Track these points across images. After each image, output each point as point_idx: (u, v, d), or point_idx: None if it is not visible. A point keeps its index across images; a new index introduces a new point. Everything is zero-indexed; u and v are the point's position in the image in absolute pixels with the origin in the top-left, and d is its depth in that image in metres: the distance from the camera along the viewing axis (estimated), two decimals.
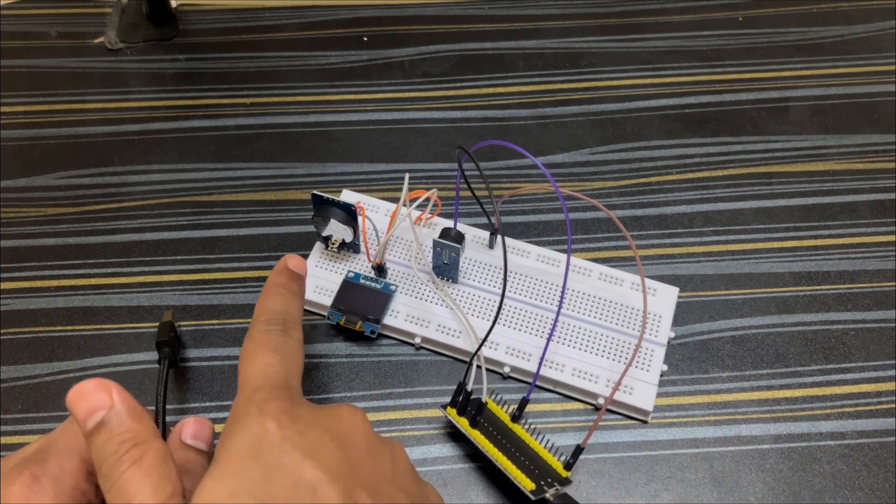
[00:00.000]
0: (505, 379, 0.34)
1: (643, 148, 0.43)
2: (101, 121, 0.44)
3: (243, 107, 0.45)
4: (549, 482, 0.29)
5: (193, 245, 0.39)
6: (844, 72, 0.47)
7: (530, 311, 0.35)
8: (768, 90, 0.46)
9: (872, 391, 0.34)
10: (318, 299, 0.36)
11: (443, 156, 0.43)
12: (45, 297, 0.37)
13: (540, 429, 0.32)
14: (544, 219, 0.40)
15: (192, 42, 0.49)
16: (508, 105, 0.46)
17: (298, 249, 0.39)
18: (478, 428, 0.31)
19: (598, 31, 0.50)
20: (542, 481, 0.29)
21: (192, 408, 0.34)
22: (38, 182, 0.42)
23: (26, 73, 0.47)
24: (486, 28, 0.50)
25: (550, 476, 0.30)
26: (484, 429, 0.31)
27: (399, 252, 0.37)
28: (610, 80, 0.47)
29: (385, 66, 0.48)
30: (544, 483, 0.29)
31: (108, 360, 0.35)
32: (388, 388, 0.34)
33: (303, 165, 0.42)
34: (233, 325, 0.36)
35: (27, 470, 0.24)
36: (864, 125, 0.45)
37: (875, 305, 0.37)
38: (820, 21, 0.50)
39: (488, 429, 0.31)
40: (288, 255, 0.31)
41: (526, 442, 0.31)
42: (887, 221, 0.40)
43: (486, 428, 0.31)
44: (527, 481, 0.29)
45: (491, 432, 0.31)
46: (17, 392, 0.34)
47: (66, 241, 0.39)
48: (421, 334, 0.35)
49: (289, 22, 0.50)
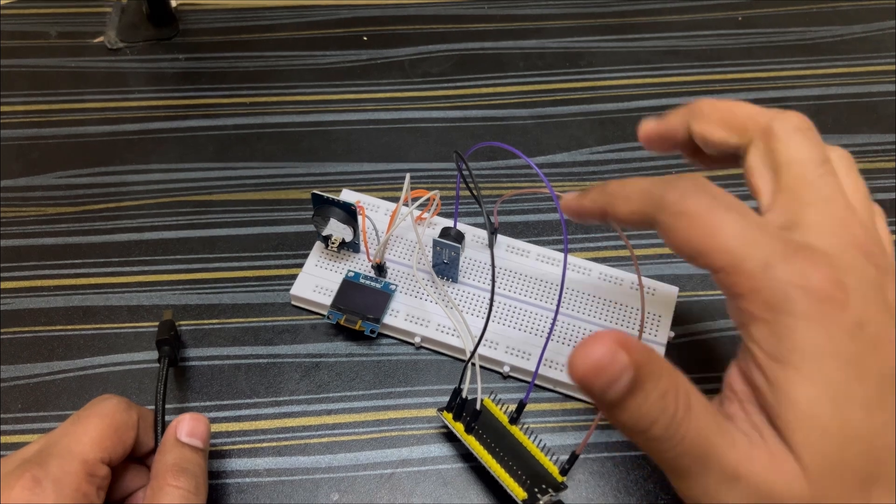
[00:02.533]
0: (505, 378, 0.34)
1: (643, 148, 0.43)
2: (100, 120, 0.44)
3: (243, 106, 0.45)
4: (544, 488, 0.29)
5: (193, 244, 0.39)
6: (843, 72, 0.48)
7: (530, 310, 0.35)
8: (767, 90, 0.46)
9: None
10: (318, 299, 0.36)
11: (443, 155, 0.43)
12: (44, 297, 0.37)
13: (539, 429, 0.32)
14: (544, 218, 0.40)
15: (192, 42, 0.49)
16: (508, 105, 0.46)
17: (298, 249, 0.39)
18: (473, 434, 0.31)
19: (598, 31, 0.50)
20: (536, 488, 0.29)
21: (192, 407, 0.34)
22: (38, 182, 0.42)
23: (26, 72, 0.47)
24: (485, 28, 0.50)
25: (545, 481, 0.29)
26: (479, 435, 0.31)
27: (399, 252, 0.37)
28: (610, 79, 0.47)
29: (384, 65, 0.48)
30: (538, 490, 0.29)
31: (108, 359, 0.35)
32: (387, 388, 0.34)
33: (302, 165, 0.42)
34: (232, 325, 0.36)
35: (28, 472, 0.24)
36: (863, 125, 0.45)
37: None
38: (819, 21, 0.51)
39: (483, 435, 0.31)
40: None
41: (523, 445, 0.31)
42: (888, 221, 0.40)
43: (480, 434, 0.31)
44: (519, 490, 0.29)
45: (486, 439, 0.31)
46: (16, 392, 0.34)
47: (65, 241, 0.39)
48: (421, 334, 0.35)
49: (288, 21, 0.50)
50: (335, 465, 0.32)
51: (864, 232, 0.21)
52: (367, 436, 0.33)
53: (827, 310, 0.19)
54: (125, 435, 0.27)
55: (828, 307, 0.19)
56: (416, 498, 0.31)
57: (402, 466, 0.32)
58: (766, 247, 0.20)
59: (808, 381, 0.18)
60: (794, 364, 0.19)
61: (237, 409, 0.34)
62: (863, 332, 0.19)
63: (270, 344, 0.35)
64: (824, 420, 0.18)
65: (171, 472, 0.26)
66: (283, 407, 0.34)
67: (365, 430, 0.33)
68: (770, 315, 0.19)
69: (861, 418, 0.18)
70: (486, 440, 0.31)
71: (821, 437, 0.18)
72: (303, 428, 0.33)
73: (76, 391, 0.34)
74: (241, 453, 0.32)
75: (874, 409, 0.18)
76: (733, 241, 0.20)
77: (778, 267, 0.19)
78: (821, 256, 0.19)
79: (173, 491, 0.26)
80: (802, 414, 0.18)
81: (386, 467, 0.32)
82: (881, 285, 0.20)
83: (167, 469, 0.26)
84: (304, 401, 0.34)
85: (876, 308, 0.19)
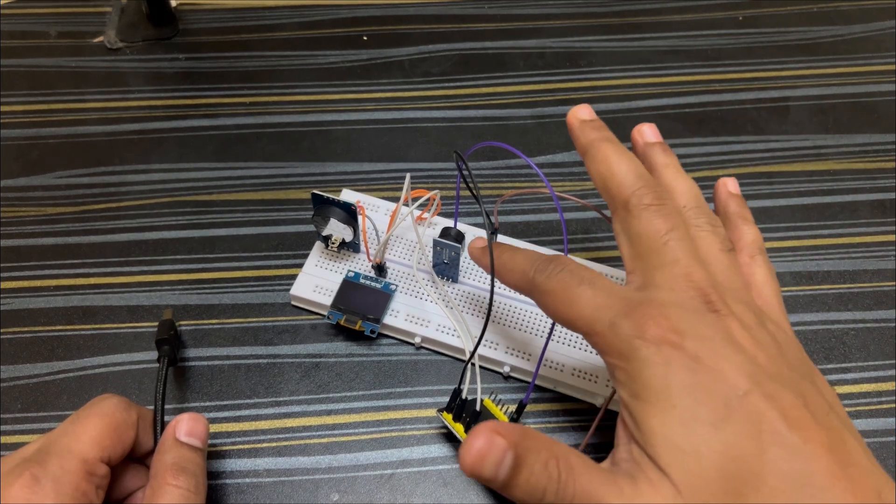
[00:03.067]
0: (505, 379, 0.34)
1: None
2: (100, 120, 0.44)
3: (243, 106, 0.45)
4: None
5: (193, 244, 0.39)
6: (844, 71, 0.47)
7: (530, 310, 0.35)
8: (768, 90, 0.46)
9: (873, 391, 0.34)
10: (318, 299, 0.36)
11: (443, 155, 0.43)
12: (44, 297, 0.37)
13: (540, 429, 0.32)
14: (544, 218, 0.40)
15: (192, 41, 0.49)
16: (508, 104, 0.46)
17: (298, 249, 0.39)
18: None
19: (598, 31, 0.50)
20: None
21: (192, 407, 0.34)
22: (38, 181, 0.42)
23: (26, 72, 0.47)
24: (485, 27, 0.50)
25: None
26: None
27: (399, 252, 0.37)
28: (610, 79, 0.47)
29: (385, 65, 0.48)
30: None
31: (108, 359, 0.35)
32: (388, 388, 0.34)
33: (302, 165, 0.42)
34: (232, 325, 0.36)
35: (27, 471, 0.24)
36: (864, 125, 0.45)
37: (875, 305, 0.37)
38: (820, 21, 0.50)
39: None
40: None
41: None
42: (887, 221, 0.40)
43: None
44: None
45: None
46: (16, 392, 0.34)
47: (65, 241, 0.39)
48: (421, 334, 0.35)
49: (288, 21, 0.50)
50: (335, 466, 0.32)
51: (708, 282, 0.24)
52: (368, 436, 0.33)
53: (665, 350, 0.22)
54: (125, 434, 0.27)
55: (666, 348, 0.22)
56: (416, 498, 0.31)
57: (402, 467, 0.32)
58: (611, 309, 0.24)
59: (660, 411, 0.22)
60: (647, 399, 0.22)
61: (237, 409, 0.34)
62: (700, 364, 0.22)
63: (270, 344, 0.35)
64: (679, 441, 0.21)
65: (171, 472, 0.26)
66: (283, 407, 0.34)
67: (365, 431, 0.33)
68: (623, 363, 0.23)
69: (711, 434, 0.21)
70: None
71: (682, 457, 0.21)
72: (303, 428, 0.33)
73: (76, 391, 0.34)
74: (240, 454, 0.32)
75: (722, 425, 0.21)
76: (587, 310, 0.24)
77: (620, 323, 0.23)
78: (657, 307, 0.23)
79: (173, 490, 0.26)
80: (662, 439, 0.21)
81: (386, 468, 0.32)
82: (717, 322, 0.23)
83: (167, 468, 0.26)
84: (304, 401, 0.34)
85: (711, 343, 0.22)
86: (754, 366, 0.22)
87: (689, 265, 0.24)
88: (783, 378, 0.22)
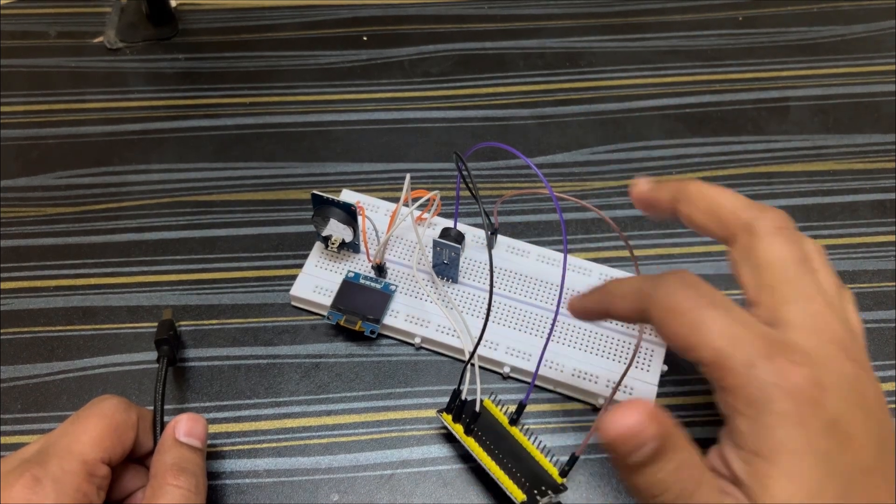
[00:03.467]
0: (505, 379, 0.34)
1: (643, 148, 0.43)
2: (100, 120, 0.44)
3: (243, 106, 0.45)
4: (543, 490, 0.29)
5: (193, 245, 0.39)
6: (845, 71, 0.47)
7: (530, 311, 0.35)
8: (768, 90, 0.46)
9: None
10: (318, 299, 0.36)
11: (443, 155, 0.43)
12: (44, 297, 0.37)
13: (539, 430, 0.32)
14: (544, 219, 0.40)
15: (192, 42, 0.49)
16: (508, 105, 0.45)
17: (298, 249, 0.39)
18: (472, 436, 0.31)
19: (599, 31, 0.50)
20: (536, 490, 0.29)
21: (192, 408, 0.34)
22: (38, 182, 0.42)
23: (25, 72, 0.47)
24: (486, 28, 0.50)
25: (545, 483, 0.29)
26: (479, 436, 0.31)
27: (399, 252, 0.37)
28: (610, 79, 0.47)
29: (385, 65, 0.47)
30: (537, 492, 0.29)
31: (108, 359, 0.35)
32: (387, 388, 0.34)
33: (302, 165, 0.42)
34: (232, 325, 0.36)
35: (28, 471, 0.24)
36: (864, 125, 0.45)
37: (875, 305, 0.37)
38: (820, 21, 0.50)
39: (483, 437, 0.31)
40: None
41: (522, 446, 0.31)
42: (887, 221, 0.40)
43: (480, 436, 0.31)
44: (518, 492, 0.29)
45: (485, 440, 0.31)
46: (16, 392, 0.34)
47: (65, 241, 0.39)
48: (421, 334, 0.35)
49: (288, 21, 0.50)
50: (335, 466, 0.32)
51: (842, 327, 0.22)
52: (367, 437, 0.33)
53: (805, 409, 0.20)
54: (125, 435, 0.27)
55: (805, 407, 0.20)
56: (416, 499, 0.31)
57: (401, 467, 0.32)
58: (749, 345, 0.21)
59: (786, 477, 0.20)
60: (773, 460, 0.20)
61: (237, 409, 0.34)
62: (836, 429, 0.20)
63: (270, 344, 0.35)
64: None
65: (171, 472, 0.26)
66: (283, 408, 0.34)
67: (365, 431, 0.33)
68: (752, 412, 0.21)
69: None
70: (485, 442, 0.31)
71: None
72: (303, 429, 0.33)
73: (76, 391, 0.34)
74: (240, 454, 0.32)
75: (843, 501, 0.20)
76: (719, 339, 0.21)
77: (760, 366, 0.21)
78: (801, 355, 0.21)
79: (173, 490, 0.26)
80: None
81: (386, 468, 0.32)
82: (857, 380, 0.21)
83: (167, 468, 0.26)
84: (304, 401, 0.34)
85: (849, 405, 0.21)
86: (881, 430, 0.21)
87: (826, 304, 0.22)
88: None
